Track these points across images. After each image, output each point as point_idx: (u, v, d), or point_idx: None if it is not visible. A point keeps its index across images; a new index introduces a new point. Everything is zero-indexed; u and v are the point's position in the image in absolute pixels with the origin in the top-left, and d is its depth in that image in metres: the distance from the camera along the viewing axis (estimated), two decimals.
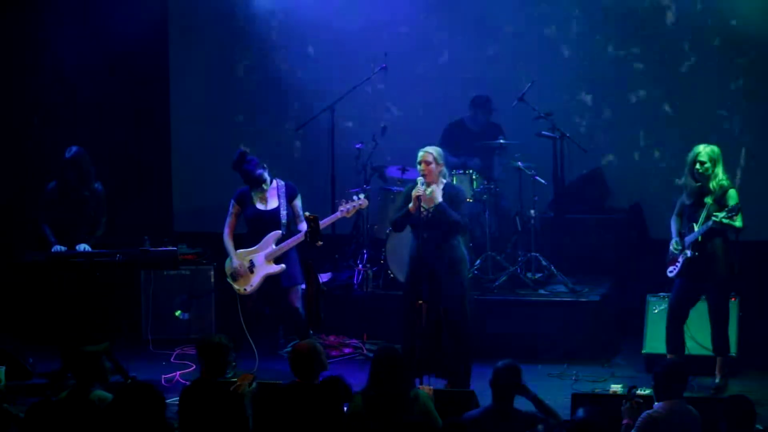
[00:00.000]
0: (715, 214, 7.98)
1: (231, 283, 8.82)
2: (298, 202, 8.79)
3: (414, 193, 7.91)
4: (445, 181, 8.14)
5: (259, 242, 8.71)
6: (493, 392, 6.19)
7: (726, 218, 7.93)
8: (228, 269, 8.83)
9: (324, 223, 8.40)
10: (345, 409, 6.27)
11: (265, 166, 8.72)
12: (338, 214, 8.66)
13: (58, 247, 8.59)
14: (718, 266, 8.18)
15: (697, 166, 8.14)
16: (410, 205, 7.94)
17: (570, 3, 10.89)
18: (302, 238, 8.48)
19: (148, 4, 11.26)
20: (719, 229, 8.06)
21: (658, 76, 10.72)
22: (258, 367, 8.73)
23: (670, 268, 8.35)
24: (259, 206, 8.75)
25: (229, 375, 7.28)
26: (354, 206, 8.62)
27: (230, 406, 6.29)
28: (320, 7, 11.17)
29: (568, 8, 10.89)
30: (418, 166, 8.07)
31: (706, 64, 10.58)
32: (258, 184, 8.71)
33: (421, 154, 8.09)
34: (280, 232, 8.66)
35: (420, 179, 8.01)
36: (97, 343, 7.51)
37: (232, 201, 8.82)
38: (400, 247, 9.12)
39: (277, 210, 8.73)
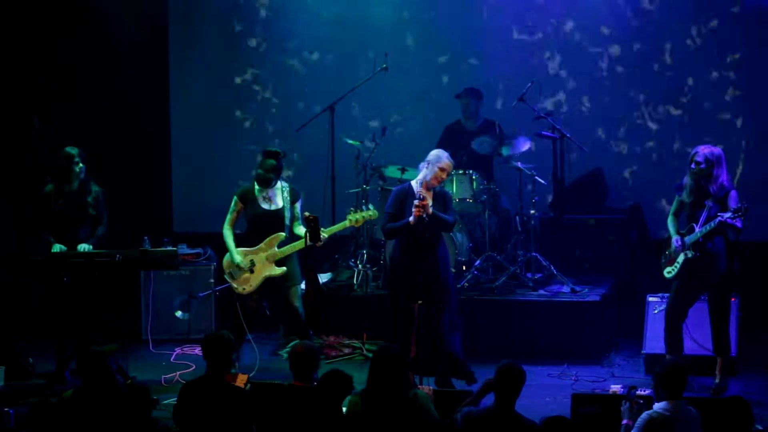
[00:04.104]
0: (720, 213, 7.97)
1: (229, 281, 8.77)
2: (299, 205, 8.75)
3: (416, 210, 7.95)
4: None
5: (260, 242, 8.69)
6: (495, 392, 6.12)
7: (732, 218, 7.91)
8: (227, 266, 8.75)
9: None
10: (344, 409, 6.28)
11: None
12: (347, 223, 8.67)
13: (58, 247, 8.59)
14: (719, 266, 8.17)
15: (693, 165, 8.14)
16: (410, 218, 8.01)
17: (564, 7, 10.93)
18: (302, 245, 8.46)
19: (148, 4, 11.26)
20: (720, 230, 8.05)
21: (659, 76, 10.74)
22: (258, 367, 8.74)
23: (668, 269, 8.33)
24: (264, 205, 8.72)
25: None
26: (363, 216, 8.60)
27: (234, 404, 6.28)
28: (321, 7, 11.18)
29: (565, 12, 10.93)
30: (441, 174, 8.15)
31: (707, 65, 10.62)
32: (268, 183, 8.69)
33: (448, 164, 8.18)
34: (284, 234, 8.65)
35: (413, 183, 8.08)
36: (107, 345, 7.51)
37: (235, 198, 8.75)
38: None
39: (281, 211, 8.69)
